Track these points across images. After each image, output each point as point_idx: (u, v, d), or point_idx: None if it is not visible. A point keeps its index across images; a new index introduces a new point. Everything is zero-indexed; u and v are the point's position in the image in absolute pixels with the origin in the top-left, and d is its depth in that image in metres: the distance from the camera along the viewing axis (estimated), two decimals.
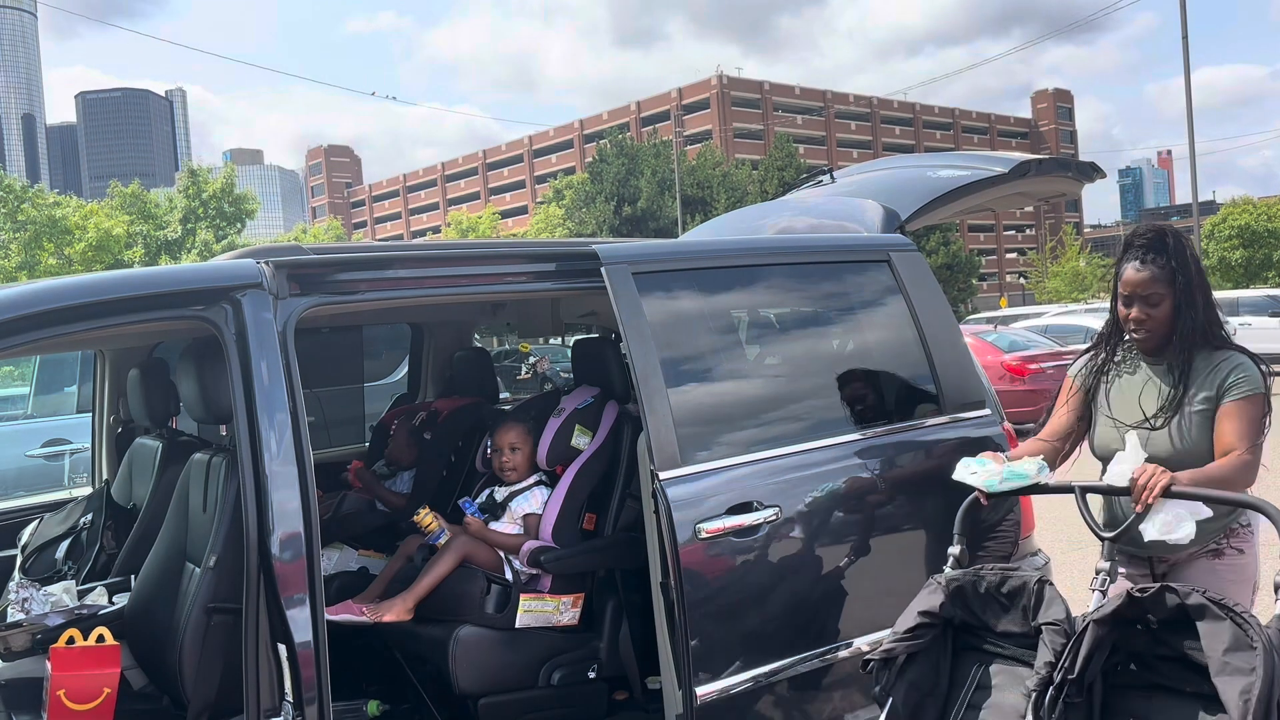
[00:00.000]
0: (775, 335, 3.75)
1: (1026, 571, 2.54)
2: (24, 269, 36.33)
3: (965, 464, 2.89)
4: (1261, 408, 2.78)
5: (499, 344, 18.59)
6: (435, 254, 3.09)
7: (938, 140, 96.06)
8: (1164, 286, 2.80)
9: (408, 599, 3.42)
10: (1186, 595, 2.22)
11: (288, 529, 2.56)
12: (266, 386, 2.62)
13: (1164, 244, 2.83)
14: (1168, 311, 2.82)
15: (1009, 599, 2.53)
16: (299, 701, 2.51)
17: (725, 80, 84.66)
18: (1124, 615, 2.29)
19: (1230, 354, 2.84)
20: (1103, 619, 2.28)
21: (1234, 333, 3.10)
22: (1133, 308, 2.86)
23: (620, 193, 50.37)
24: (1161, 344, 2.88)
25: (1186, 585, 2.26)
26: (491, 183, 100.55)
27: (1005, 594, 2.53)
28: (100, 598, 3.36)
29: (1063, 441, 3.08)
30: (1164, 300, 2.81)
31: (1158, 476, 2.55)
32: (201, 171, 41.66)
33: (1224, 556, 2.87)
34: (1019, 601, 2.51)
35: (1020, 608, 2.50)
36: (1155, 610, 2.27)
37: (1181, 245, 2.83)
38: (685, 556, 2.95)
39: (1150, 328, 2.85)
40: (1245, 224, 47.11)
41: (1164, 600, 2.25)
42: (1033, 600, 2.48)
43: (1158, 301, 2.82)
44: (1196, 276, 2.82)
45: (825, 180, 4.93)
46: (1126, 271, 2.86)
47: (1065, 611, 2.41)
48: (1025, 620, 2.49)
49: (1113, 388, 3.00)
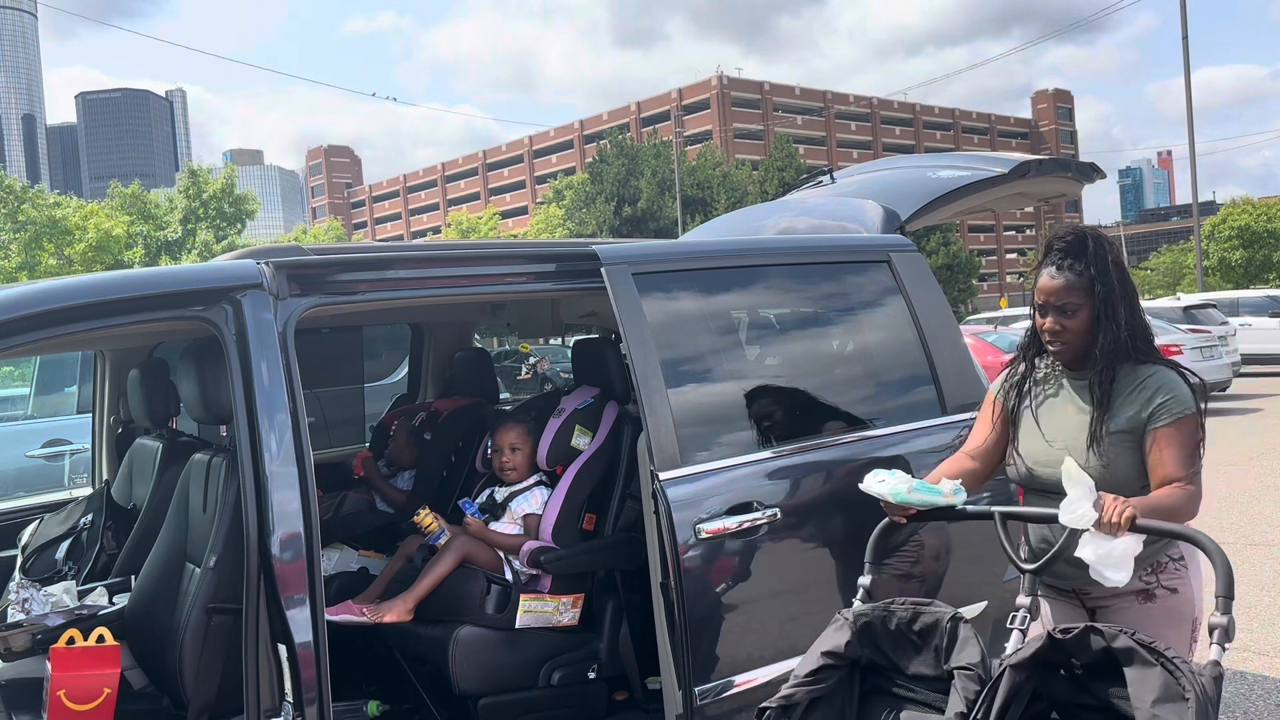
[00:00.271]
0: (775, 336, 3.75)
1: (940, 607, 2.29)
2: (24, 269, 36.33)
3: (875, 473, 2.67)
4: (1196, 431, 2.54)
5: (499, 344, 18.59)
6: (435, 254, 3.09)
7: (938, 141, 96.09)
8: (1081, 295, 2.56)
9: (408, 599, 3.42)
10: (1113, 638, 2.01)
11: (288, 529, 2.56)
12: (267, 387, 2.62)
13: (1083, 248, 2.59)
14: (1085, 322, 2.58)
15: (921, 638, 2.28)
16: (299, 702, 2.51)
17: (725, 80, 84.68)
18: (1044, 659, 2.08)
19: (1157, 370, 2.59)
20: (1020, 664, 2.07)
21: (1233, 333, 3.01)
22: (1048, 317, 2.62)
23: (620, 193, 50.37)
24: (1080, 357, 2.63)
25: (1113, 627, 2.05)
26: (491, 183, 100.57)
27: (917, 632, 2.28)
28: (100, 598, 3.36)
29: (984, 462, 2.83)
30: (1080, 310, 2.57)
31: (1122, 507, 2.29)
32: (202, 172, 41.65)
33: (1155, 599, 2.60)
34: (931, 641, 2.26)
35: (933, 648, 2.25)
36: (1079, 654, 2.05)
37: (1103, 250, 2.59)
38: (685, 557, 2.96)
39: (1066, 340, 2.61)
40: (1245, 224, 47.12)
41: (1089, 643, 2.04)
42: (945, 640, 2.22)
43: (1074, 311, 2.58)
44: (1119, 284, 2.57)
45: (825, 181, 4.93)
46: (1042, 278, 2.63)
47: (980, 654, 2.17)
48: (938, 662, 2.23)
49: (1032, 406, 2.75)
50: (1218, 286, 41.72)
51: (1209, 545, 2.19)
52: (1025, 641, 2.22)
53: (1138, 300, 2.63)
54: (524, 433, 3.76)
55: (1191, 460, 2.51)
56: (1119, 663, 2.00)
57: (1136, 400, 2.55)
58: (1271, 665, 4.90)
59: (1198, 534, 2.23)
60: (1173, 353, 15.19)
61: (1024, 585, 2.42)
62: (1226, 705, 4.38)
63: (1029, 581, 2.42)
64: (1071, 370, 2.70)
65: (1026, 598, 2.40)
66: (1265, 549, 7.12)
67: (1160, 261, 64.05)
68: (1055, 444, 2.64)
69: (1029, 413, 2.74)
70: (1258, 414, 14.89)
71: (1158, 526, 2.31)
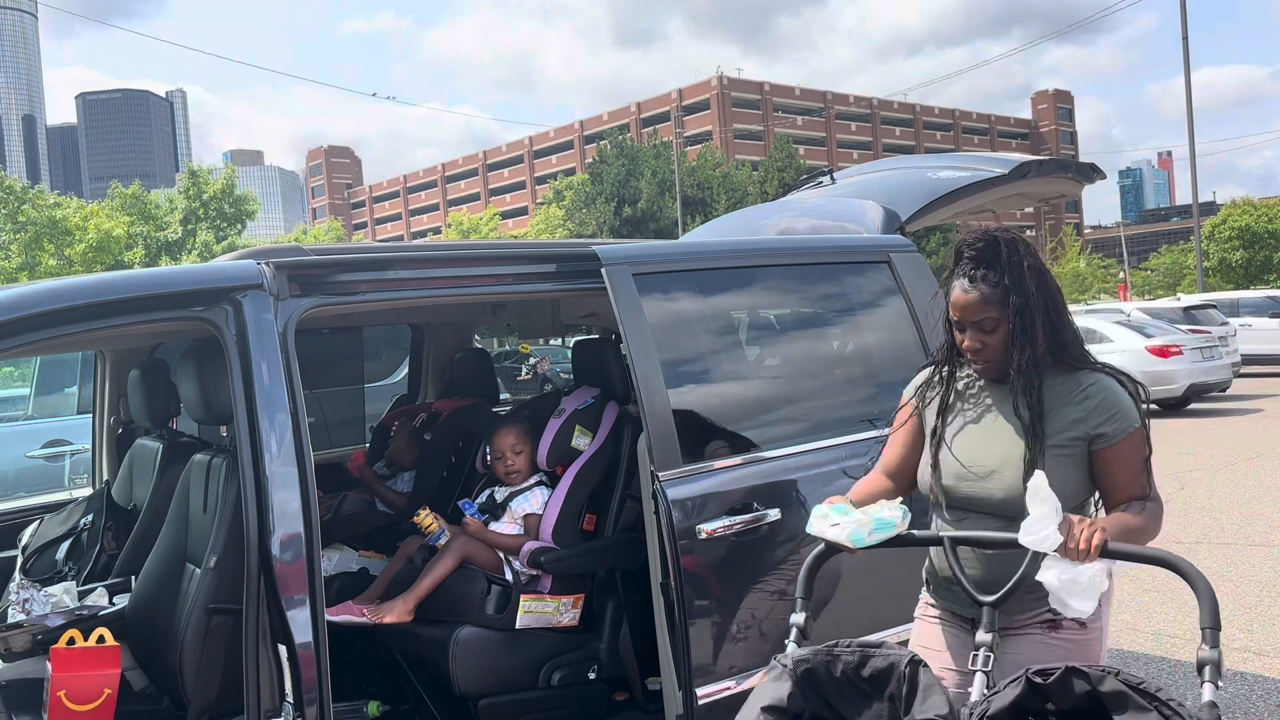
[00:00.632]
0: (775, 336, 3.75)
1: (893, 650, 2.02)
2: (24, 270, 36.32)
3: (820, 514, 2.33)
4: (1145, 444, 2.33)
5: (499, 345, 18.60)
6: (436, 255, 3.09)
7: (938, 141, 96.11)
8: (998, 309, 2.31)
9: (408, 600, 3.42)
10: (1099, 680, 1.80)
11: (288, 530, 2.56)
12: (267, 387, 2.62)
13: (995, 255, 2.32)
14: (1007, 336, 2.32)
15: (872, 685, 2.01)
16: (299, 702, 2.51)
17: (725, 81, 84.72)
18: (1020, 705, 1.86)
19: (1098, 379, 2.34)
20: (998, 715, 1.85)
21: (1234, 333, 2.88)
22: (965, 334, 2.37)
23: (620, 193, 50.38)
24: (1003, 372, 2.38)
25: (1097, 668, 1.84)
26: (492, 184, 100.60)
27: (867, 679, 2.01)
28: (101, 598, 3.36)
29: (901, 481, 2.60)
30: (1001, 325, 2.32)
31: (1091, 532, 2.07)
32: (202, 172, 41.65)
33: (1061, 629, 2.32)
34: (885, 689, 1.99)
35: (887, 697, 1.99)
36: (1060, 698, 1.84)
37: (1017, 255, 2.32)
38: (685, 557, 2.96)
39: (988, 357, 2.36)
40: (1245, 225, 47.09)
41: (1071, 686, 1.82)
42: (904, 688, 1.96)
43: (992, 327, 2.32)
44: (1037, 292, 2.31)
45: (826, 181, 4.94)
46: (955, 292, 2.36)
47: (947, 705, 1.92)
48: (895, 713, 1.97)
49: (955, 419, 2.48)
50: (1218, 287, 41.70)
51: (1191, 572, 1.97)
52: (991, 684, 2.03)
53: (1062, 304, 2.37)
54: (522, 434, 3.76)
55: (1148, 474, 2.34)
56: (1105, 708, 1.80)
57: (1077, 410, 2.33)
58: (1272, 665, 4.91)
59: (1179, 560, 2.01)
60: (1173, 353, 15.23)
61: (984, 621, 2.18)
62: (1227, 705, 4.39)
63: (988, 616, 2.18)
64: (996, 382, 2.44)
65: (987, 634, 2.15)
66: (1265, 549, 7.12)
67: (1160, 262, 64.04)
68: (982, 459, 2.39)
69: (953, 426, 2.47)
70: (1258, 414, 14.90)
71: (1132, 551, 2.11)
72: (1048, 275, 2.36)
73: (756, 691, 2.07)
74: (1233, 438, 12.58)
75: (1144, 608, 5.91)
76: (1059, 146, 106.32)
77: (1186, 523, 8.09)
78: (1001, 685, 1.91)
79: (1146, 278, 62.97)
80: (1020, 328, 2.29)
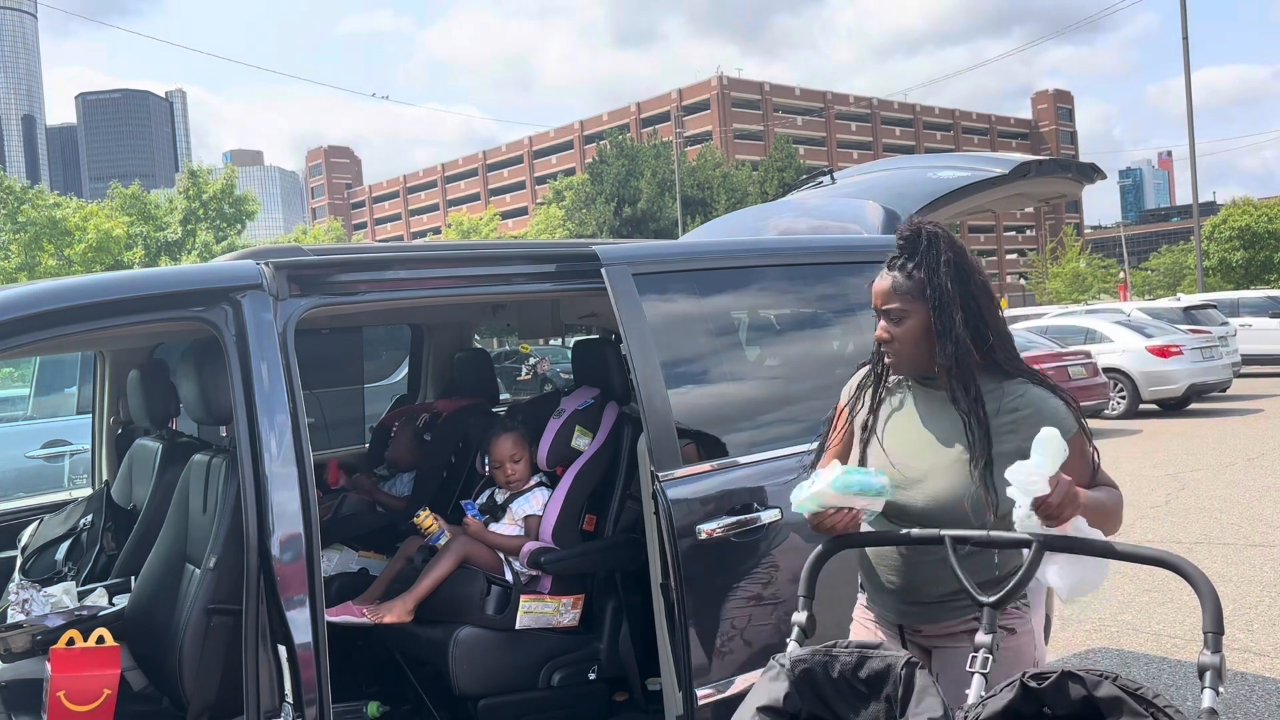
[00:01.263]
0: (776, 336, 3.75)
1: (890, 651, 2.02)
2: (24, 270, 36.33)
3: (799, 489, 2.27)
4: (1088, 444, 2.27)
5: (499, 345, 18.61)
6: (435, 255, 3.09)
7: (938, 141, 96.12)
8: (908, 300, 2.26)
9: (408, 600, 3.42)
10: (1095, 685, 1.77)
11: (288, 530, 2.56)
12: (266, 387, 2.62)
13: (915, 246, 2.28)
14: (915, 331, 2.27)
15: (869, 686, 2.00)
16: (299, 703, 2.51)
17: (725, 81, 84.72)
18: (1015, 709, 1.84)
19: (1025, 390, 2.26)
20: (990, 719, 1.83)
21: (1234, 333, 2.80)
22: (880, 323, 2.34)
23: (620, 194, 50.40)
24: (914, 369, 2.34)
25: (1093, 672, 1.79)
26: (491, 184, 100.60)
27: (864, 680, 2.00)
28: (100, 599, 3.36)
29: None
30: (909, 317, 2.27)
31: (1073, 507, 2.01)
32: (202, 172, 41.64)
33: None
34: (881, 690, 1.98)
35: (884, 698, 1.98)
36: (1055, 703, 1.81)
37: (937, 247, 2.26)
38: (685, 557, 2.95)
39: (895, 350, 2.31)
40: (1246, 225, 47.09)
41: (1066, 691, 1.80)
42: (900, 689, 1.96)
43: (900, 318, 2.28)
44: (954, 286, 2.23)
45: (826, 181, 4.94)
46: (875, 280, 2.36)
47: (942, 707, 1.91)
48: (891, 714, 1.97)
49: (887, 422, 2.40)
50: (1218, 287, 41.71)
51: (1195, 575, 1.90)
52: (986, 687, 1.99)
53: (988, 305, 2.28)
54: (519, 441, 3.75)
55: (1097, 469, 2.27)
56: (1101, 714, 1.77)
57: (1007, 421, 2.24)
58: (1272, 666, 4.91)
59: (1183, 562, 1.95)
60: (1173, 353, 15.23)
61: (984, 621, 2.10)
62: (1227, 706, 4.39)
63: (988, 616, 2.10)
64: (923, 384, 2.37)
65: (986, 635, 2.08)
66: (1266, 550, 7.12)
67: (1160, 262, 64.06)
68: (908, 467, 2.32)
69: (888, 429, 2.39)
70: (1258, 414, 14.90)
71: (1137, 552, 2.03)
72: (971, 272, 2.28)
73: (753, 691, 2.07)
74: (1233, 438, 12.58)
75: (1144, 608, 5.91)
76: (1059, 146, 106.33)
77: (1186, 523, 8.09)
78: (996, 689, 1.89)
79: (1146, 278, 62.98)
80: (940, 325, 2.24)
